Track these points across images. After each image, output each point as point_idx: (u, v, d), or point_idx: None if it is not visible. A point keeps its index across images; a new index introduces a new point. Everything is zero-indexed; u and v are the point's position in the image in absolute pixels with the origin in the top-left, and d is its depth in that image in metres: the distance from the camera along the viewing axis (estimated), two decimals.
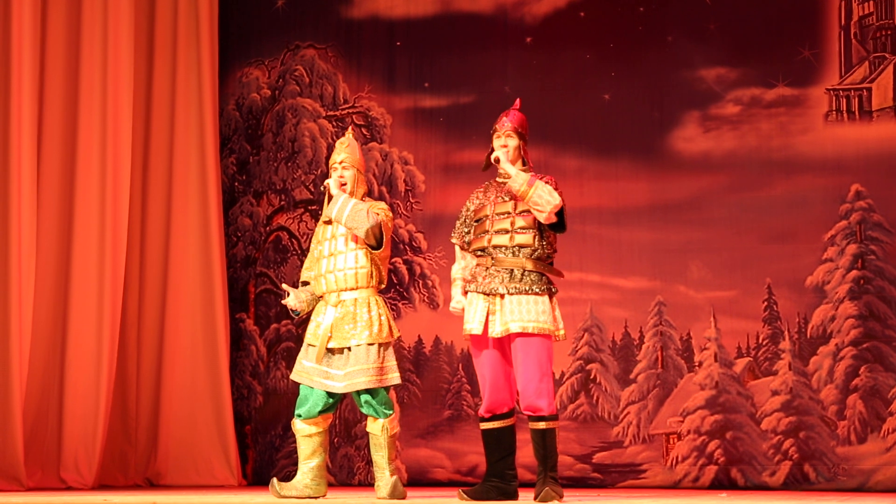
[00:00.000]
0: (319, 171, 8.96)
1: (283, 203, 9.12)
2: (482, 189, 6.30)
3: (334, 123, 9.03)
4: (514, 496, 6.15)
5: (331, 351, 6.35)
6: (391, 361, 6.33)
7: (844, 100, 8.11)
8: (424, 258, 8.77)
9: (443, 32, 8.89)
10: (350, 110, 9.03)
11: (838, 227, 8.02)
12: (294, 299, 6.48)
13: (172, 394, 8.62)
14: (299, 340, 6.69)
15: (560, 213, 6.02)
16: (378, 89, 8.99)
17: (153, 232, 8.71)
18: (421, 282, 8.76)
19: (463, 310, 6.19)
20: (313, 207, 8.99)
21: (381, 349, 6.30)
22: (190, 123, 8.80)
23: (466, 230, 6.25)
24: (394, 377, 6.33)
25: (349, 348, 6.30)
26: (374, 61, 9.02)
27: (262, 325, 9.05)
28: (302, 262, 6.94)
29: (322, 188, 6.48)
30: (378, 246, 6.33)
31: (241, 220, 9.19)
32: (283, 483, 6.37)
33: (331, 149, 8.96)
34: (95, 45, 8.10)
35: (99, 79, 8.09)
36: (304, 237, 8.99)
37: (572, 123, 8.52)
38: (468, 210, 6.27)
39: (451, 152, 8.77)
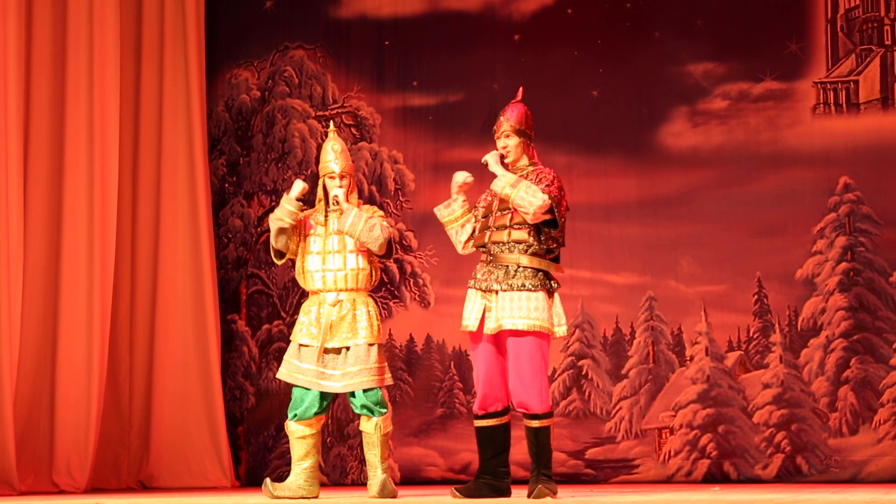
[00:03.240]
0: (309, 172, 8.96)
1: (273, 204, 9.11)
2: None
3: (324, 124, 9.03)
4: (507, 493, 6.14)
5: (326, 351, 6.35)
6: (385, 362, 6.38)
7: (832, 93, 8.12)
8: (415, 257, 8.77)
9: (431, 31, 8.89)
10: (339, 110, 9.04)
11: (827, 219, 8.04)
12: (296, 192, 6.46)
13: (164, 396, 8.62)
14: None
15: (551, 210, 5.99)
16: (367, 89, 9.00)
17: (142, 234, 8.71)
18: (412, 280, 8.77)
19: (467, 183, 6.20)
20: (304, 209, 8.97)
21: (379, 349, 6.34)
22: (178, 125, 8.79)
23: (476, 212, 6.26)
24: (389, 377, 6.38)
25: (347, 348, 6.32)
26: (362, 61, 9.03)
27: (254, 325, 9.05)
28: (293, 264, 6.89)
29: (333, 201, 6.42)
30: (387, 255, 6.38)
31: (232, 222, 9.19)
32: (276, 483, 6.37)
33: (321, 149, 8.96)
34: (82, 47, 8.09)
35: (86, 81, 8.09)
36: None
37: (561, 120, 8.53)
38: (481, 202, 6.28)
39: (441, 151, 8.77)
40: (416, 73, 8.89)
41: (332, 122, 6.96)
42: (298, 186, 6.49)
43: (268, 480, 6.37)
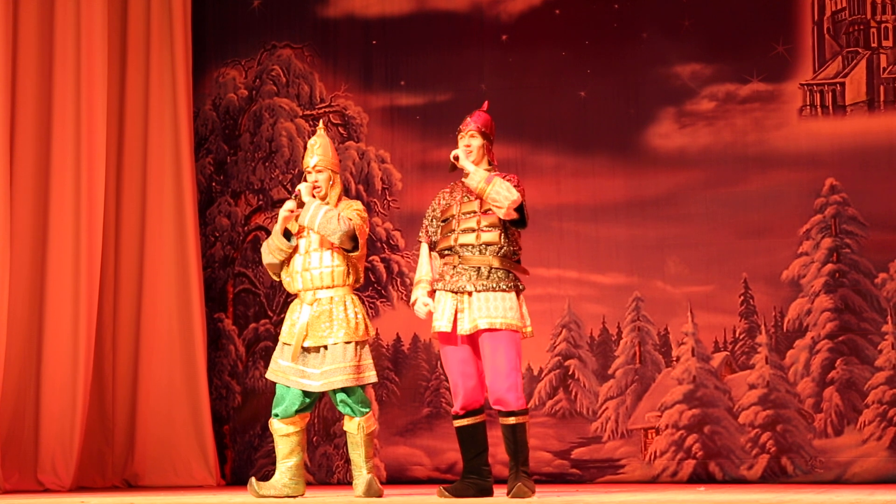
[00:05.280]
0: (297, 171, 8.96)
1: (260, 203, 9.12)
2: (448, 189, 6.32)
3: (311, 123, 9.03)
4: (491, 492, 6.18)
5: (306, 350, 6.34)
6: (368, 360, 6.33)
7: (818, 94, 8.15)
8: (402, 256, 8.77)
9: (418, 31, 8.90)
10: (326, 109, 9.04)
11: (813, 220, 8.07)
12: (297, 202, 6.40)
13: (150, 394, 8.61)
14: (277, 340, 6.67)
15: (520, 209, 6.05)
16: (354, 88, 9.00)
17: (128, 232, 8.70)
18: (399, 280, 8.77)
19: (429, 313, 6.19)
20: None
21: (358, 347, 6.30)
22: (164, 124, 8.78)
23: (433, 230, 6.26)
24: (370, 375, 6.33)
25: (325, 347, 6.30)
26: (350, 60, 9.03)
27: (241, 324, 9.04)
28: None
29: (294, 196, 6.43)
30: (354, 249, 6.33)
31: (219, 220, 9.18)
32: (261, 483, 6.36)
33: None
34: (68, 45, 8.08)
35: (72, 79, 8.07)
36: None
37: (548, 121, 8.54)
38: (434, 210, 6.28)
39: (428, 150, 8.78)
40: (404, 72, 8.89)
41: (320, 121, 6.96)
42: (282, 215, 6.43)
43: (253, 479, 6.37)
